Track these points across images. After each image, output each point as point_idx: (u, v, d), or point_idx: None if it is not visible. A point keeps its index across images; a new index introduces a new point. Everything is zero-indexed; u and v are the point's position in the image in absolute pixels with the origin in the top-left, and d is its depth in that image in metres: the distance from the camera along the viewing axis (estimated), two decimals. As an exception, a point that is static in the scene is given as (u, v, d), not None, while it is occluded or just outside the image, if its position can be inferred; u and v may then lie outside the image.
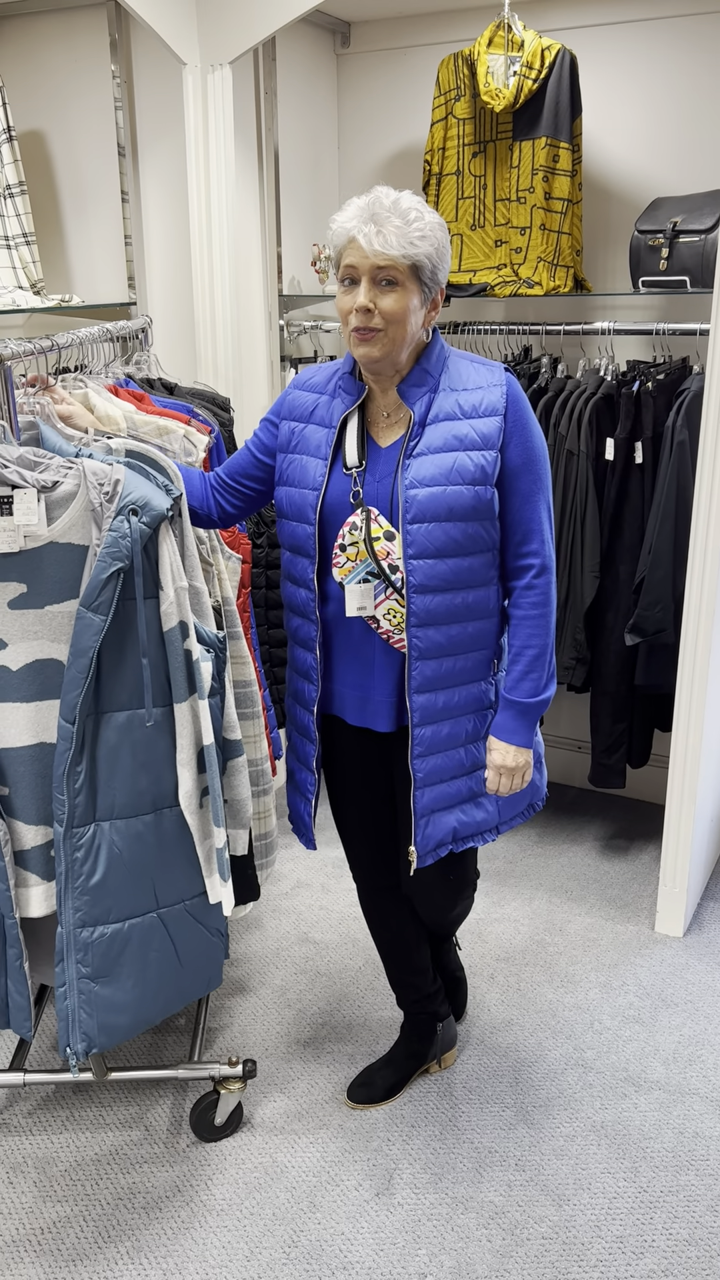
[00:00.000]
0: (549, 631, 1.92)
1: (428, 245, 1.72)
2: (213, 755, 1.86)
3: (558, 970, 2.73)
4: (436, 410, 1.82)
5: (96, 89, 3.07)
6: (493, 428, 1.80)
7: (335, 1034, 2.51)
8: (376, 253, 1.70)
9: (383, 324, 1.73)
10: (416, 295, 1.75)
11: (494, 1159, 2.15)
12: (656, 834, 3.35)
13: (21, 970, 1.91)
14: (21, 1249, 1.97)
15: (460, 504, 1.79)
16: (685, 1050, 2.44)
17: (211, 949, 2.02)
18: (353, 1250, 1.96)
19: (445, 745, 1.92)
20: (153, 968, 1.93)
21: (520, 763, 1.95)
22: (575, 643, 2.97)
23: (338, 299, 1.78)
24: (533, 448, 1.84)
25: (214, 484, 2.03)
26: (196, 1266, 1.93)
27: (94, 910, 1.85)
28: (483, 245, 3.04)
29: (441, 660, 1.87)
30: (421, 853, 1.94)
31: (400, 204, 1.71)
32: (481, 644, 1.91)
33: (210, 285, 3.00)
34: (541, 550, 1.88)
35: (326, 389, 1.91)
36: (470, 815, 1.98)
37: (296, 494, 1.89)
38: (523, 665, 1.91)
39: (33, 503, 1.71)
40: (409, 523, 1.79)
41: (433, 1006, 2.32)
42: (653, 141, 3.09)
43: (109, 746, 1.81)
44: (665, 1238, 1.97)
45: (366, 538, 1.82)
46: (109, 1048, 1.93)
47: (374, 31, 3.39)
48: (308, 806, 2.06)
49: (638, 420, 2.85)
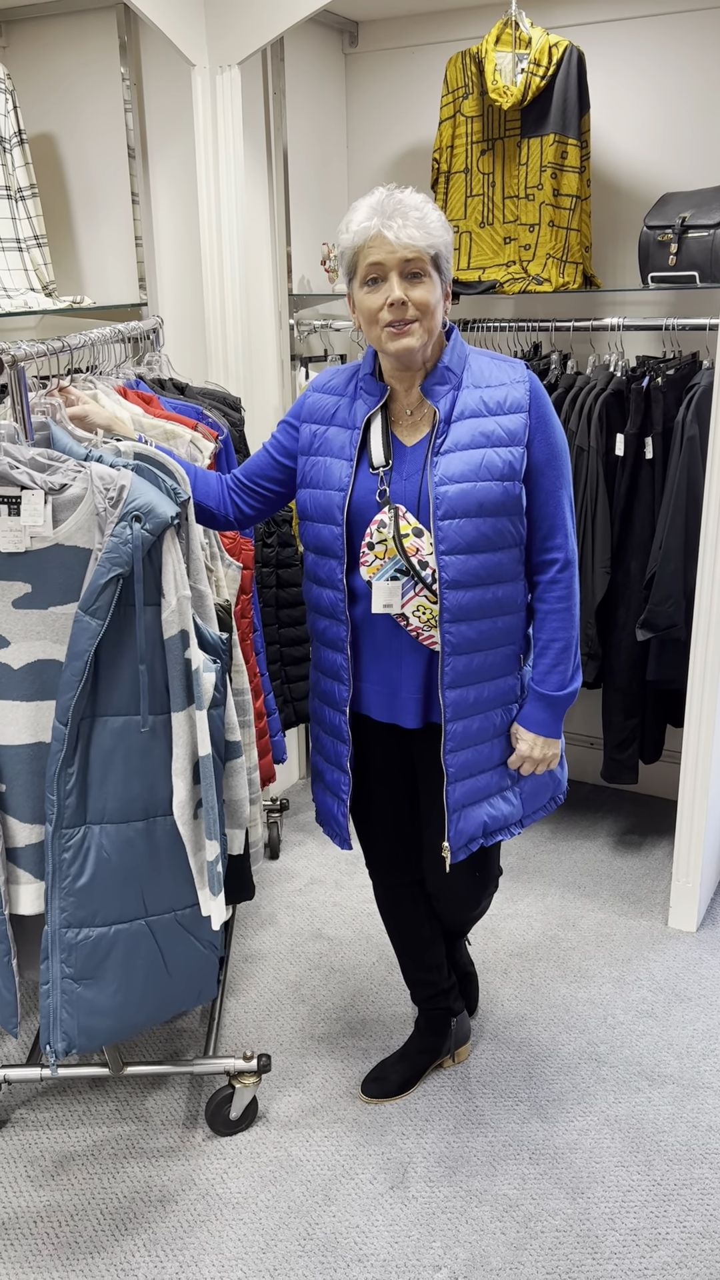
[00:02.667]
0: (574, 624, 1.94)
1: (445, 234, 1.77)
2: (209, 767, 1.85)
3: (571, 965, 2.73)
4: (461, 407, 1.83)
5: (106, 91, 3.09)
6: (518, 424, 1.83)
7: (349, 1029, 2.52)
8: (405, 245, 1.72)
9: (417, 314, 1.76)
10: (439, 285, 1.79)
11: (508, 1152, 2.16)
12: (669, 829, 3.35)
13: (9, 966, 1.91)
14: (39, 1241, 1.99)
15: (490, 499, 1.81)
16: (699, 1044, 2.44)
17: (202, 961, 2.00)
18: (368, 1243, 1.97)
19: (476, 740, 1.94)
20: (138, 975, 1.92)
21: (549, 754, 1.99)
22: (586, 638, 2.97)
23: (361, 300, 1.79)
24: (555, 444, 1.87)
25: (231, 485, 2.04)
26: (212, 1259, 1.94)
27: (80, 912, 1.85)
28: (492, 242, 3.05)
29: (473, 655, 1.89)
30: (454, 848, 1.96)
31: (408, 200, 1.75)
32: (510, 638, 1.93)
33: (220, 285, 3.01)
34: (565, 544, 1.91)
35: (347, 391, 1.92)
36: (498, 809, 2.00)
37: (322, 495, 1.90)
38: (550, 658, 1.94)
39: (40, 504, 1.72)
40: (440, 519, 1.80)
41: (447, 1002, 2.33)
42: (661, 137, 3.08)
43: (103, 750, 1.80)
44: (679, 1230, 1.97)
45: (396, 535, 1.83)
46: (90, 1049, 1.93)
47: (382, 30, 3.39)
48: (342, 806, 2.06)
49: (648, 416, 2.85)
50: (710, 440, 2.50)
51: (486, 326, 3.14)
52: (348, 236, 1.78)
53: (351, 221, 1.77)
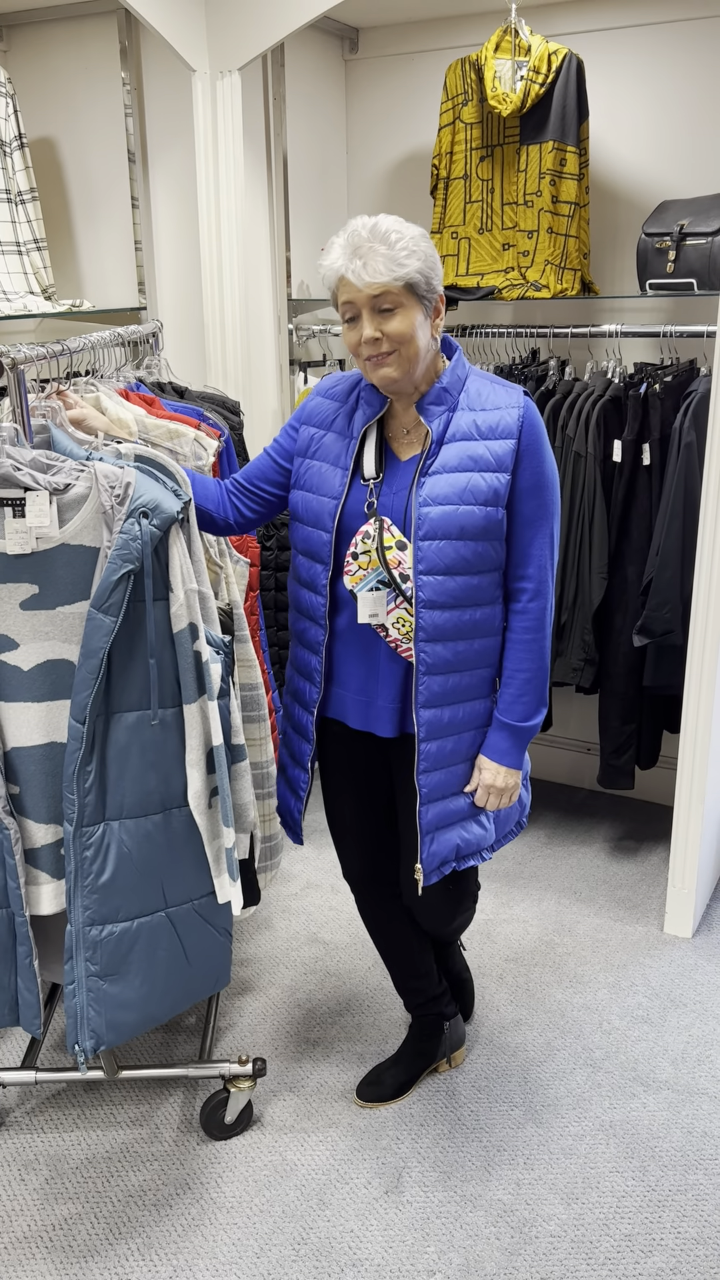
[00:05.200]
0: (541, 656, 1.93)
1: (416, 261, 1.73)
2: (222, 755, 1.88)
3: (566, 971, 2.73)
4: (454, 430, 1.83)
5: (107, 96, 3.09)
6: (506, 450, 1.82)
7: (344, 1033, 2.52)
8: (368, 284, 1.72)
9: (392, 346, 1.76)
10: (418, 311, 1.77)
11: (503, 1157, 2.16)
12: (665, 835, 3.35)
13: (31, 968, 1.92)
14: (33, 1245, 1.98)
15: (471, 523, 1.81)
16: (694, 1050, 2.44)
17: (219, 948, 2.03)
18: (362, 1247, 1.97)
19: (449, 761, 1.94)
20: (161, 966, 1.94)
21: (510, 784, 1.98)
22: (584, 644, 2.98)
23: (344, 335, 1.81)
24: (543, 474, 1.86)
25: (231, 489, 2.05)
26: (206, 1263, 1.94)
27: (103, 909, 1.86)
28: (490, 249, 3.06)
29: (448, 676, 1.89)
30: (427, 870, 1.96)
31: (379, 228, 1.73)
32: (486, 661, 1.93)
33: (220, 289, 3.02)
34: (537, 575, 1.89)
35: (348, 399, 1.93)
36: (471, 832, 2.00)
37: (315, 500, 1.90)
38: (515, 688, 1.94)
39: (45, 505, 1.73)
40: (420, 539, 1.81)
41: (439, 1008, 2.33)
42: (659, 145, 3.10)
43: (119, 746, 1.82)
44: (674, 1236, 1.97)
45: (379, 547, 1.84)
46: (117, 1044, 1.94)
47: (382, 37, 3.40)
48: (299, 803, 2.09)
49: (645, 422, 2.86)
50: (707, 447, 2.51)
51: (485, 332, 3.15)
52: (321, 277, 1.80)
53: (324, 262, 1.78)
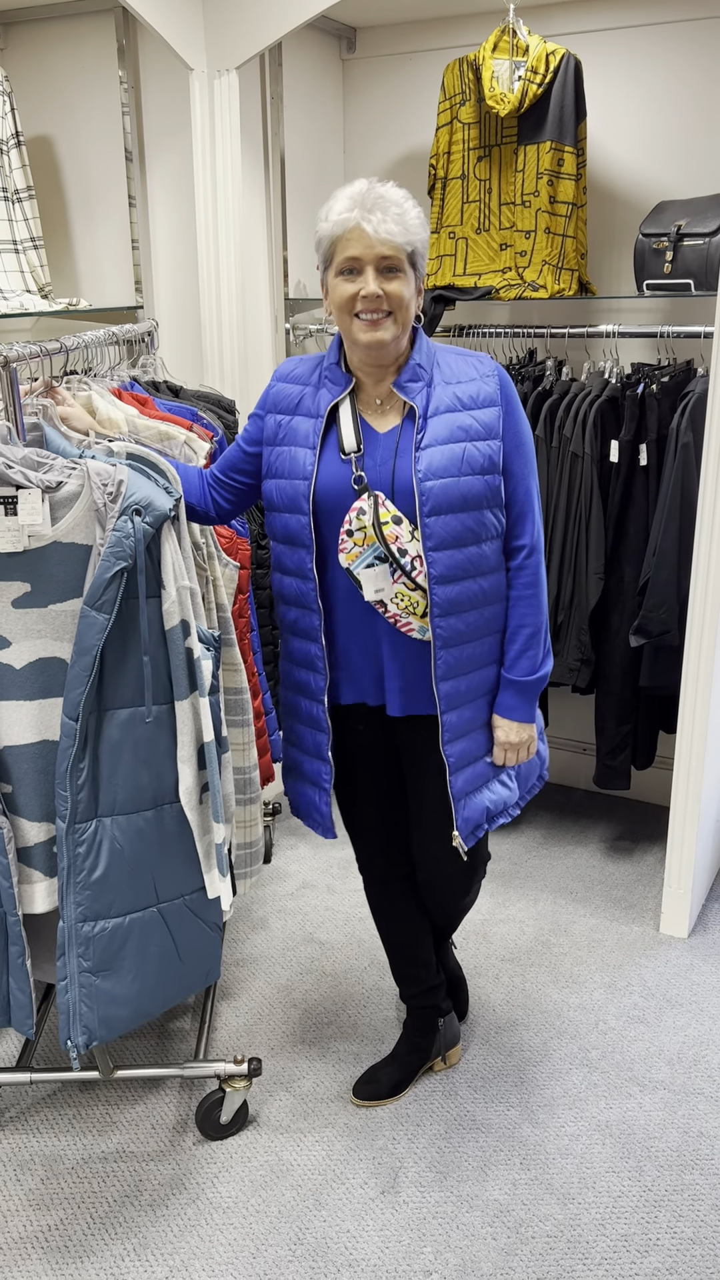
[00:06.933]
0: (541, 610, 1.98)
1: (422, 232, 1.79)
2: (213, 752, 1.89)
3: (562, 971, 2.73)
4: (436, 403, 1.85)
5: (104, 94, 3.09)
6: (493, 417, 1.86)
7: (340, 1033, 2.52)
8: (383, 240, 1.73)
9: (391, 308, 1.78)
10: (413, 281, 1.81)
11: (499, 1157, 2.16)
12: (661, 835, 3.35)
13: (23, 968, 1.92)
14: (28, 1246, 1.98)
15: (473, 493, 1.84)
16: (690, 1050, 2.44)
17: (210, 943, 2.04)
18: (358, 1248, 1.96)
19: (469, 728, 1.98)
20: (153, 961, 1.94)
21: (525, 737, 2.02)
22: (580, 644, 2.98)
23: (335, 287, 1.80)
24: (522, 432, 1.92)
25: (210, 481, 2.06)
26: (202, 1264, 1.94)
27: (95, 905, 1.86)
28: (487, 249, 3.06)
29: (463, 647, 1.92)
30: (463, 834, 1.99)
31: (389, 194, 1.76)
32: (494, 627, 1.96)
33: (216, 289, 3.01)
34: (531, 530, 1.94)
35: (311, 380, 1.93)
36: (497, 793, 2.04)
37: (287, 485, 1.90)
38: (519, 644, 1.98)
39: (37, 503, 1.73)
40: (426, 515, 1.82)
41: (434, 1000, 2.33)
42: (657, 145, 3.10)
43: (111, 743, 1.82)
44: (670, 1236, 1.97)
45: (375, 522, 1.83)
46: (109, 1040, 1.94)
47: (380, 37, 3.40)
48: (324, 796, 2.06)
49: (642, 422, 2.86)
50: (705, 447, 2.51)
51: (482, 332, 3.15)
52: (326, 225, 1.78)
53: (331, 210, 1.77)
